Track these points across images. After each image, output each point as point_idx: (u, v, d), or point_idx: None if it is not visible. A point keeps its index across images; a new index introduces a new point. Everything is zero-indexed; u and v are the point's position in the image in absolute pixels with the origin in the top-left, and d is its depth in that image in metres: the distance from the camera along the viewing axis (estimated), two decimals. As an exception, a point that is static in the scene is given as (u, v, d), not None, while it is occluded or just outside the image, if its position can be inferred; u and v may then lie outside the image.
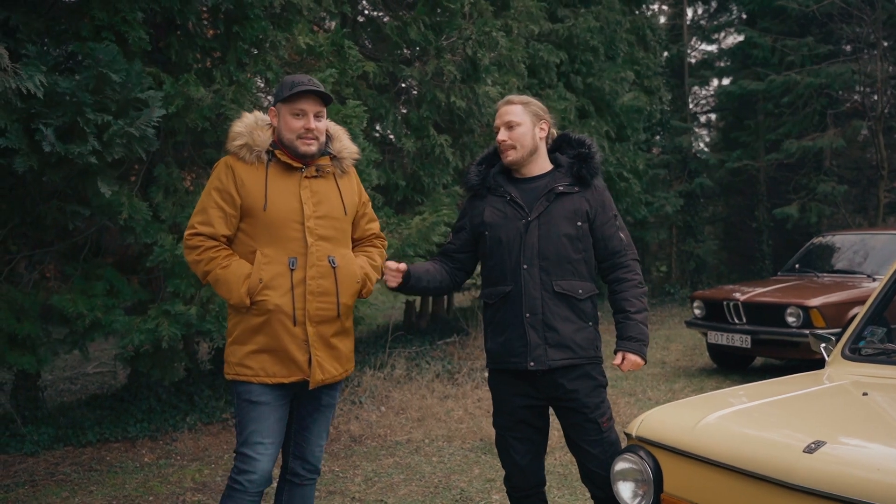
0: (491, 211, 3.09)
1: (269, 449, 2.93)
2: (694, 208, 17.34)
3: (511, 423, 3.09)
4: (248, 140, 2.95)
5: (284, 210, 2.93)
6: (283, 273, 2.90)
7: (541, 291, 2.96)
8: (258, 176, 2.93)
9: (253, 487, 2.91)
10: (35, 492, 4.75)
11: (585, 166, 3.07)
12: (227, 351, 2.98)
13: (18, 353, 4.97)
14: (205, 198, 2.96)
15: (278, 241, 2.91)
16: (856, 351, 3.23)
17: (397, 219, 7.08)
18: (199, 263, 2.93)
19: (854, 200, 17.47)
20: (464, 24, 7.52)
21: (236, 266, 2.89)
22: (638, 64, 13.40)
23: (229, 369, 2.96)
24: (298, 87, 2.92)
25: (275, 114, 3.01)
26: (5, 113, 4.05)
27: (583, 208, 3.03)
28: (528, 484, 3.15)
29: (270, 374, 2.90)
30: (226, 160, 2.98)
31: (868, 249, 8.65)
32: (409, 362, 8.13)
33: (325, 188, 3.04)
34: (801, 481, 2.16)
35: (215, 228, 2.90)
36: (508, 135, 3.06)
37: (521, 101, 3.12)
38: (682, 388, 7.58)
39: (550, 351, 2.95)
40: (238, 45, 5.24)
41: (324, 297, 2.95)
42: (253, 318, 2.89)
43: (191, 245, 2.92)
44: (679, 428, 2.65)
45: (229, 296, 2.88)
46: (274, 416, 2.94)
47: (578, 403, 2.99)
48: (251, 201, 2.90)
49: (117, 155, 4.51)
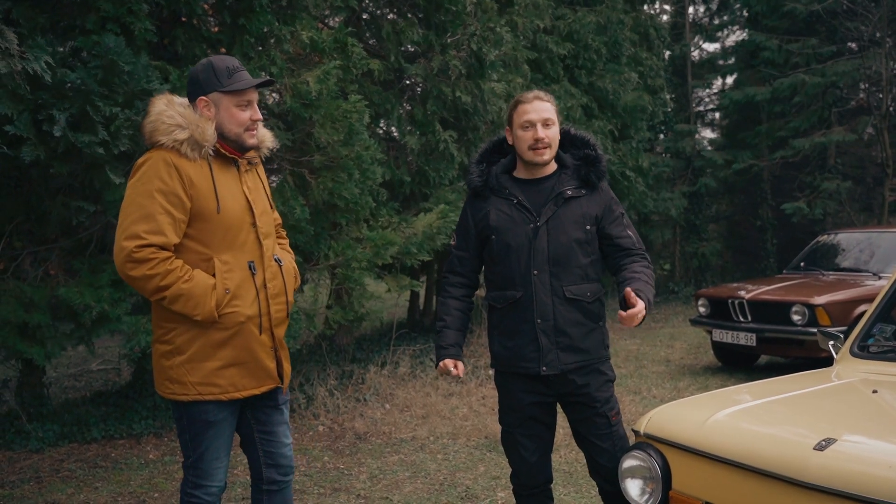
0: (496, 214, 3.01)
1: (224, 461, 2.80)
2: (698, 207, 17.30)
3: (520, 421, 3.07)
4: (192, 133, 2.61)
5: (237, 210, 2.70)
6: (247, 279, 2.70)
7: (552, 297, 2.92)
8: (204, 174, 2.64)
9: (213, 499, 2.80)
10: (40, 488, 4.75)
11: (594, 170, 3.01)
12: (180, 370, 2.65)
13: (27, 343, 4.97)
14: (145, 202, 2.55)
15: (235, 246, 2.68)
16: (864, 348, 3.21)
17: (399, 218, 7.07)
18: (151, 279, 2.54)
19: (859, 199, 17.43)
20: (468, 21, 7.50)
21: (200, 278, 2.60)
22: (641, 64, 13.36)
23: (185, 390, 2.65)
24: (242, 76, 2.70)
25: (207, 104, 2.69)
26: (13, 102, 4.04)
27: (591, 212, 2.98)
28: (536, 481, 3.14)
29: (240, 389, 2.70)
30: (163, 157, 2.59)
31: (873, 248, 8.62)
32: (413, 360, 8.12)
33: (254, 182, 2.86)
34: (812, 479, 2.15)
35: (167, 237, 2.56)
36: (546, 133, 2.94)
37: (550, 98, 3.02)
38: (686, 387, 7.56)
39: (562, 355, 2.93)
40: (244, 39, 5.22)
41: (279, 299, 2.82)
42: (217, 331, 2.64)
43: (139, 258, 2.52)
44: (688, 425, 2.64)
45: (195, 311, 2.58)
46: (229, 430, 2.79)
47: (589, 398, 2.99)
48: (202, 203, 2.61)
49: (123, 147, 4.50)
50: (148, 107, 2.73)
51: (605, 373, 3.04)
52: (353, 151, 5.82)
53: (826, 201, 15.64)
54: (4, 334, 4.92)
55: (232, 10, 5.22)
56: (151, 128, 2.65)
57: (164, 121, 2.63)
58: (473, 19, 7.59)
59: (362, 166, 5.91)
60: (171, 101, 2.70)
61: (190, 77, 2.77)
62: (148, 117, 2.68)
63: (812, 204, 15.47)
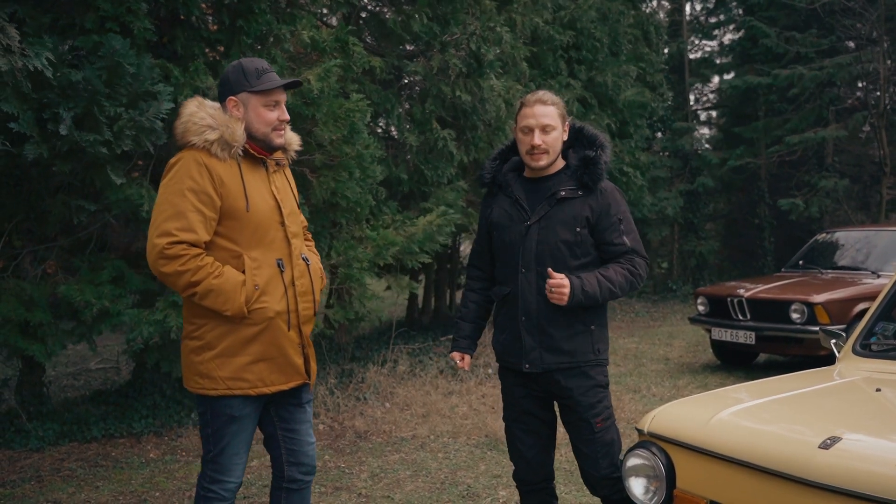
0: (499, 211, 3.07)
1: (243, 458, 2.84)
2: (695, 206, 17.32)
3: (517, 415, 3.10)
4: (223, 134, 2.69)
5: (266, 209, 2.77)
6: (276, 276, 2.76)
7: (536, 296, 2.94)
8: (233, 174, 2.72)
9: (229, 495, 2.83)
10: (41, 487, 4.74)
11: (588, 172, 2.97)
12: (210, 365, 2.71)
13: (28, 341, 4.97)
14: (177, 200, 2.63)
15: (263, 244, 2.75)
16: (867, 347, 3.22)
17: (402, 216, 7.07)
18: (182, 275, 2.61)
19: (856, 197, 17.45)
20: (468, 20, 7.50)
21: (230, 274, 2.66)
22: (642, 61, 13.37)
23: (215, 385, 2.71)
24: (271, 77, 2.76)
25: (237, 104, 2.76)
26: (17, 100, 4.04)
27: (583, 214, 2.95)
28: (535, 477, 3.15)
29: (268, 384, 2.76)
30: (195, 156, 2.67)
31: (871, 246, 8.64)
32: (412, 358, 8.12)
33: (282, 182, 2.93)
34: (817, 477, 2.15)
35: (198, 235, 2.64)
36: (543, 139, 2.94)
37: (554, 101, 2.99)
38: (686, 385, 7.57)
39: (545, 355, 2.95)
40: (242, 39, 5.22)
41: (306, 297, 2.87)
42: (247, 327, 2.71)
43: (171, 254, 2.60)
44: (692, 424, 2.65)
45: (225, 307, 2.65)
46: (251, 427, 2.84)
47: (573, 401, 2.99)
48: (232, 202, 2.69)
49: (126, 147, 4.50)
50: (179, 109, 2.80)
51: (593, 377, 3.00)
52: (355, 150, 5.82)
53: (823, 199, 15.66)
54: (5, 332, 4.92)
55: (231, 11, 5.21)
56: (183, 129, 2.72)
57: (195, 122, 2.70)
58: (473, 18, 7.59)
59: (363, 165, 5.92)
60: (202, 103, 2.78)
61: (221, 78, 2.85)
62: (179, 119, 2.75)
63: (809, 202, 15.48)
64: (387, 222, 6.83)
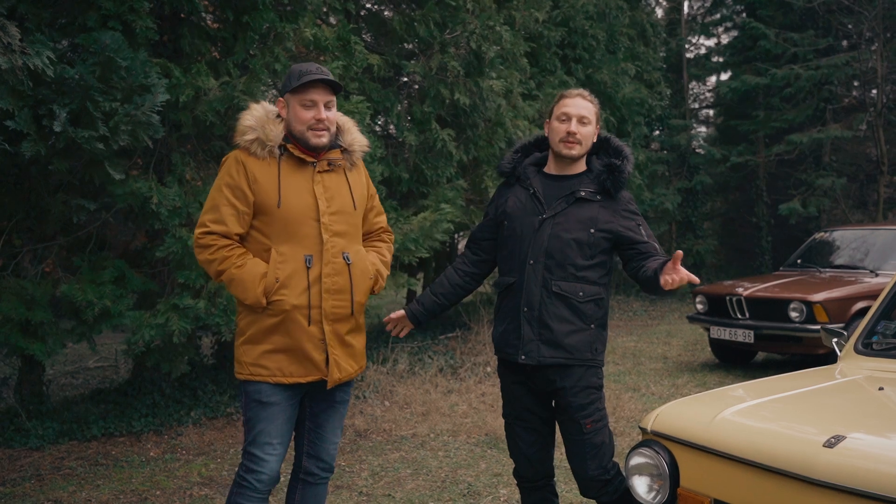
0: (514, 201, 3.12)
1: (277, 449, 2.90)
2: (693, 204, 17.34)
3: (516, 412, 3.13)
4: (259, 134, 2.85)
5: (299, 207, 2.85)
6: (300, 271, 2.84)
7: (540, 288, 2.98)
8: (271, 171, 2.84)
9: (262, 486, 2.89)
10: (42, 486, 4.74)
11: (611, 179, 3.04)
12: (240, 350, 2.91)
13: (29, 340, 4.96)
14: (215, 194, 2.86)
15: (293, 239, 2.85)
16: (868, 346, 3.23)
17: (397, 213, 7.07)
18: (211, 263, 2.84)
19: (853, 196, 17.48)
20: (468, 19, 7.49)
21: (251, 265, 2.81)
22: (639, 59, 13.38)
23: (241, 369, 2.89)
24: (307, 75, 2.83)
25: (283, 105, 2.92)
26: (14, 97, 4.03)
27: (601, 217, 3.01)
28: (536, 475, 3.17)
29: (287, 374, 2.85)
30: (235, 155, 2.88)
31: (870, 245, 8.66)
32: (411, 357, 8.13)
33: (336, 182, 2.98)
34: (822, 476, 2.16)
35: (228, 227, 2.82)
36: (579, 129, 3.03)
37: (593, 99, 3.12)
38: (685, 383, 7.59)
39: (543, 348, 2.96)
40: (247, 36, 5.21)
41: (339, 295, 2.90)
42: (268, 318, 2.83)
43: (202, 244, 2.83)
44: (695, 423, 2.65)
45: (244, 296, 2.80)
46: (283, 416, 2.90)
47: (565, 402, 3.00)
48: (264, 198, 2.82)
49: (123, 142, 4.49)
50: None
51: (587, 378, 3.01)
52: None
53: (821, 198, 15.69)
54: (6, 331, 4.91)
55: (235, 7, 5.21)
56: (236, 130, 2.94)
57: (242, 124, 2.91)
58: (472, 17, 7.58)
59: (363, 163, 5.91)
60: (257, 106, 2.97)
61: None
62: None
63: (807, 201, 15.51)
64: (384, 219, 6.82)
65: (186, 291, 5.25)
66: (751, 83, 15.63)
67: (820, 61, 14.98)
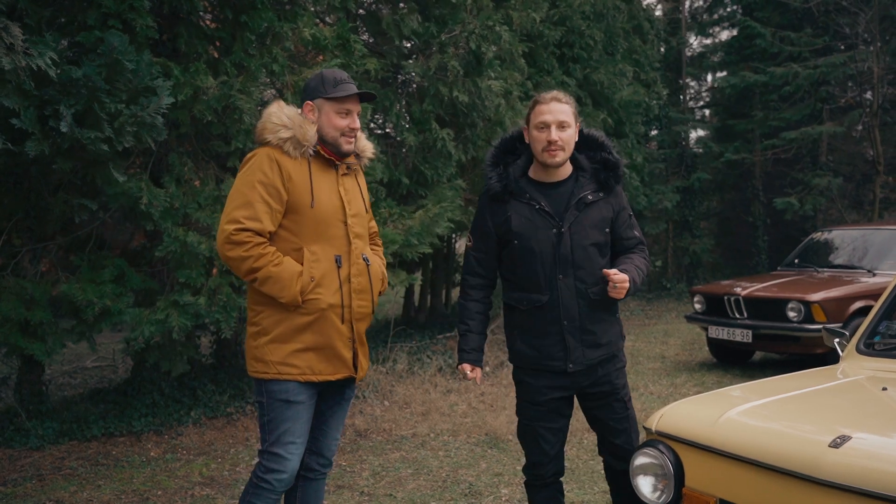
0: (518, 219, 3.02)
1: (299, 448, 2.93)
2: (690, 203, 17.37)
3: (542, 414, 3.11)
4: (296, 133, 2.88)
5: (330, 207, 2.92)
6: (332, 271, 2.90)
7: (577, 300, 2.99)
8: (302, 171, 2.89)
9: (282, 486, 2.91)
10: (43, 486, 4.73)
11: (613, 175, 3.07)
12: (264, 349, 2.88)
13: (28, 340, 4.95)
14: (247, 191, 2.83)
15: (324, 239, 2.90)
16: (870, 346, 3.24)
17: (400, 209, 7.06)
18: (245, 260, 2.80)
19: (849, 196, 17.53)
20: (467, 19, 7.49)
21: (288, 264, 2.83)
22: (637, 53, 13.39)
23: (267, 368, 2.87)
24: (346, 87, 2.92)
25: (312, 108, 2.96)
26: (19, 97, 4.03)
27: (608, 216, 3.07)
28: (553, 472, 3.21)
29: (317, 373, 2.89)
30: (268, 153, 2.87)
31: (867, 245, 8.69)
32: (410, 357, 8.13)
33: (352, 186, 3.08)
34: (828, 476, 2.17)
35: (263, 224, 2.82)
36: (560, 136, 2.96)
37: (569, 100, 3.04)
38: (683, 383, 7.60)
39: (587, 351, 3.03)
40: (245, 36, 5.21)
41: (363, 295, 2.99)
42: (301, 316, 2.86)
43: (236, 240, 2.79)
44: (701, 423, 2.66)
45: (281, 294, 2.81)
46: (307, 414, 2.94)
47: (610, 385, 3.11)
48: (298, 197, 2.86)
49: (127, 143, 4.49)
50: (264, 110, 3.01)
51: (621, 360, 3.18)
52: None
53: (817, 198, 15.73)
54: (5, 331, 4.90)
55: (234, 6, 5.20)
56: (261, 127, 2.93)
57: (272, 121, 2.90)
58: (471, 17, 7.58)
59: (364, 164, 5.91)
60: (282, 105, 2.98)
61: (304, 85, 3.08)
62: (260, 119, 2.98)
63: (803, 200, 15.55)
64: (384, 216, 6.82)
65: (186, 289, 5.24)
66: (749, 80, 15.66)
67: (817, 61, 15.00)
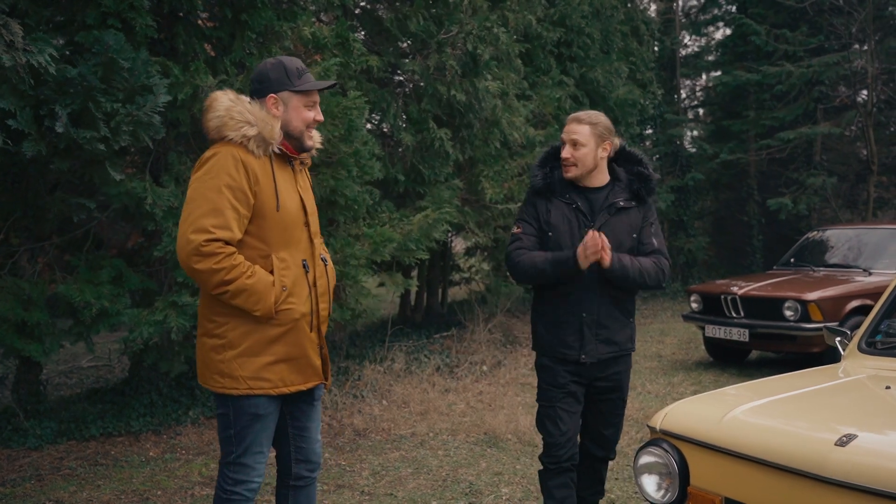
0: (557, 214, 3.30)
1: (265, 456, 2.83)
2: (685, 202, 17.40)
3: (562, 396, 3.33)
4: (261, 131, 2.64)
5: (293, 209, 2.74)
6: (301, 277, 2.74)
7: (598, 295, 3.25)
8: (266, 171, 2.67)
9: (252, 495, 2.80)
10: (42, 486, 4.71)
11: (645, 186, 3.35)
12: (232, 364, 2.66)
13: (25, 340, 4.93)
14: (214, 196, 2.56)
15: (291, 244, 2.73)
16: (872, 345, 3.26)
17: (399, 214, 7.06)
18: (216, 273, 2.55)
19: (844, 195, 17.59)
20: (464, 19, 7.49)
21: (261, 275, 2.63)
22: (633, 55, 13.42)
23: (236, 384, 2.66)
24: (309, 77, 2.78)
25: (276, 102, 2.73)
26: (15, 97, 4.01)
27: (637, 223, 3.33)
28: (569, 455, 3.34)
29: (289, 384, 2.74)
30: (232, 152, 2.61)
31: (862, 244, 8.73)
32: (407, 356, 8.12)
33: (304, 182, 2.92)
34: (834, 474, 2.18)
35: (233, 233, 2.58)
36: (572, 153, 3.27)
37: (590, 121, 3.29)
38: (680, 382, 7.62)
39: (600, 346, 3.29)
40: (245, 34, 5.20)
41: (324, 297, 2.86)
42: (273, 327, 2.67)
43: (207, 252, 2.53)
44: (705, 421, 2.67)
45: (256, 307, 2.61)
46: (272, 424, 2.82)
47: (618, 384, 3.40)
48: (264, 200, 2.65)
49: (124, 142, 4.46)
50: (209, 102, 2.71)
51: (628, 362, 3.44)
52: (352, 147, 5.81)
53: (811, 197, 15.78)
54: (2, 332, 4.87)
55: (233, 5, 5.19)
56: (219, 122, 2.65)
57: (233, 116, 2.64)
58: (469, 18, 7.58)
59: (360, 162, 5.91)
60: (239, 97, 2.71)
61: (258, 74, 2.79)
62: (214, 112, 2.67)
63: (797, 199, 15.59)
64: (383, 220, 6.82)
65: (185, 289, 5.23)
66: (742, 79, 15.72)
67: (811, 60, 15.05)
